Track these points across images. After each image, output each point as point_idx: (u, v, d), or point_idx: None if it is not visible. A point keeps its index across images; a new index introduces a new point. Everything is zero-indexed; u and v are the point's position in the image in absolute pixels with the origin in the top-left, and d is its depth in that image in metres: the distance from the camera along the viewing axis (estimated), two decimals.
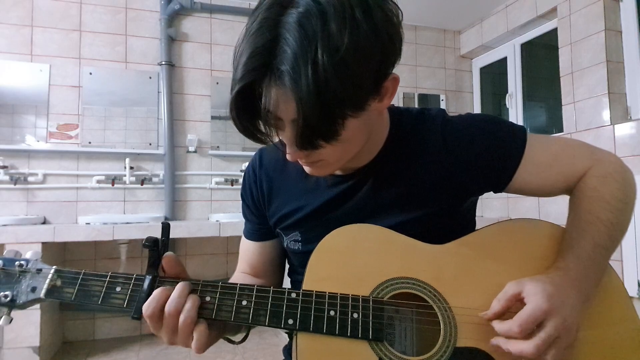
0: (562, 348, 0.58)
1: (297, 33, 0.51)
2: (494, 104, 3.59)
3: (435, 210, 0.71)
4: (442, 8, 3.19)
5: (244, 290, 0.62)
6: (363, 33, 0.52)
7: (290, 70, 0.51)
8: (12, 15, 2.63)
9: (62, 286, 0.61)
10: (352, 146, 0.63)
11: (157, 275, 0.61)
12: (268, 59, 0.52)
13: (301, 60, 0.50)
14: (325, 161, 0.63)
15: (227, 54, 3.03)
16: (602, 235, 0.66)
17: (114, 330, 2.71)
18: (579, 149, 0.73)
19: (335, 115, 0.54)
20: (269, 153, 0.82)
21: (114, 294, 0.61)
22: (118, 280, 0.61)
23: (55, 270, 0.62)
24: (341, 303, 0.62)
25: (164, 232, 0.62)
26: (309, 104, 0.51)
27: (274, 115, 0.55)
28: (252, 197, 0.83)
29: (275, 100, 0.53)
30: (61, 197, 2.66)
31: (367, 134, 0.65)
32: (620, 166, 0.72)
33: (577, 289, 0.62)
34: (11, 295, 0.60)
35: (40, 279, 0.62)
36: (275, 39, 0.52)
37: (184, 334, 0.59)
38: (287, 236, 0.79)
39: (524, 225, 0.72)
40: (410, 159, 0.72)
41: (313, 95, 0.50)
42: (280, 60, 0.51)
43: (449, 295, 0.64)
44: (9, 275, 0.62)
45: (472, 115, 0.74)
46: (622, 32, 2.44)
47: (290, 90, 0.51)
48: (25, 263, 0.62)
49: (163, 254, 0.62)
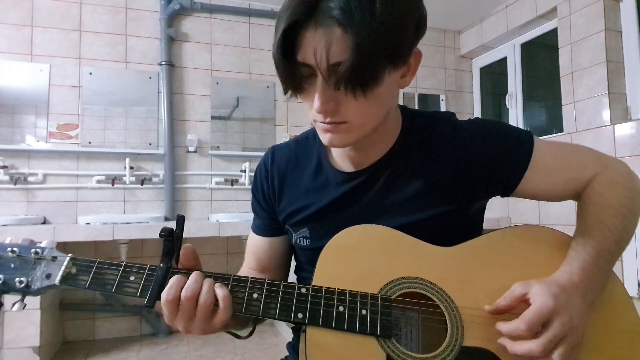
0: (569, 348, 0.58)
1: None
2: (494, 104, 3.60)
3: (443, 212, 0.71)
4: (442, 8, 3.20)
5: (255, 283, 0.63)
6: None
7: (345, 11, 0.53)
8: (12, 15, 2.63)
9: (77, 274, 0.62)
10: (378, 109, 0.64)
11: (170, 266, 0.62)
12: (315, 5, 0.55)
13: (357, 4, 0.53)
14: (349, 124, 0.63)
15: (227, 54, 3.03)
16: (608, 241, 0.67)
17: (114, 330, 2.71)
18: (587, 155, 0.73)
19: (382, 61, 0.57)
20: (281, 151, 0.83)
21: (128, 282, 0.62)
22: (132, 269, 0.62)
23: (70, 258, 0.63)
24: (350, 299, 0.62)
25: (178, 225, 0.63)
26: (363, 44, 0.53)
27: (317, 57, 0.56)
28: (263, 192, 0.83)
29: (326, 41, 0.55)
30: (61, 197, 2.65)
31: (388, 105, 0.67)
32: (627, 173, 0.72)
33: (582, 293, 0.62)
34: (26, 282, 0.61)
35: (55, 266, 0.63)
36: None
37: (202, 315, 0.59)
38: (295, 232, 0.79)
39: (531, 231, 0.72)
40: (419, 159, 0.72)
41: (369, 36, 0.53)
42: (330, 4, 0.54)
43: (456, 295, 0.65)
44: (25, 262, 0.63)
45: (480, 120, 0.74)
46: (622, 32, 2.45)
47: (342, 31, 0.54)
48: (41, 251, 0.63)
49: (177, 245, 0.62)
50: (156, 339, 2.66)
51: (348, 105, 0.60)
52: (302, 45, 0.57)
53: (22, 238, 0.65)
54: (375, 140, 0.70)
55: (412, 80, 0.66)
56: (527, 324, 0.57)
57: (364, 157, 0.72)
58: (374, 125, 0.66)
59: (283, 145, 0.85)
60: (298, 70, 0.59)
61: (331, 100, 0.60)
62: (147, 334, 2.75)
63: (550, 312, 0.58)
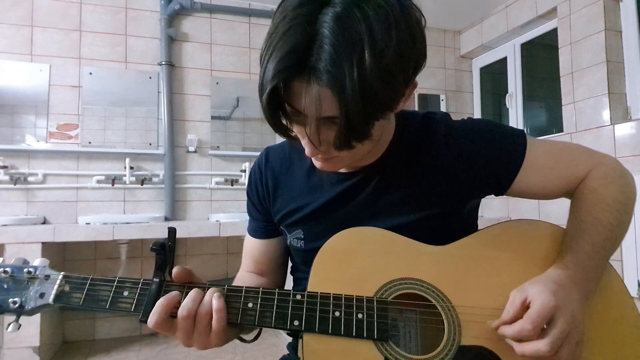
0: (574, 343, 0.59)
1: (338, 32, 0.50)
2: (494, 104, 3.59)
3: (438, 212, 0.71)
4: (442, 8, 3.20)
5: (250, 292, 0.63)
6: (404, 37, 0.53)
7: (333, 70, 0.50)
8: (12, 15, 2.63)
9: (70, 291, 0.62)
10: (369, 146, 0.64)
11: (164, 280, 0.62)
12: (304, 57, 0.51)
13: (345, 61, 0.50)
14: (340, 157, 0.64)
15: (227, 54, 3.03)
16: (601, 236, 0.67)
17: (114, 330, 2.71)
18: (579, 152, 0.74)
19: (373, 117, 0.54)
20: (275, 152, 0.83)
21: (122, 298, 0.61)
22: (125, 284, 0.62)
23: (63, 276, 0.63)
24: (346, 304, 0.62)
25: (170, 237, 0.62)
26: (352, 104, 0.51)
27: (305, 112, 0.54)
28: (258, 194, 0.83)
29: (312, 97, 0.52)
30: (61, 197, 2.65)
31: (380, 134, 0.66)
32: (619, 169, 0.72)
33: (577, 288, 0.63)
34: (20, 302, 0.61)
35: (49, 285, 0.62)
36: (312, 37, 0.51)
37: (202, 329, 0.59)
38: (290, 234, 0.79)
39: (524, 225, 0.73)
40: (413, 160, 0.72)
41: (358, 96, 0.50)
42: (320, 59, 0.50)
43: (452, 294, 0.65)
44: (18, 282, 0.62)
45: (473, 120, 0.75)
46: (622, 32, 2.44)
47: (329, 89, 0.51)
48: (34, 270, 0.63)
49: (170, 258, 0.62)
50: (156, 339, 2.66)
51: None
52: (291, 93, 0.54)
53: (15, 258, 0.64)
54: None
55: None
56: (533, 324, 0.57)
57: (361, 160, 0.72)
58: (365, 155, 0.67)
59: (277, 146, 0.85)
60: (286, 115, 0.57)
61: (320, 146, 0.60)
62: (147, 334, 2.75)
63: (553, 309, 0.58)
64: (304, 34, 0.51)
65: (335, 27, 0.50)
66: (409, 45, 0.54)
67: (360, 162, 0.72)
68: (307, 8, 0.52)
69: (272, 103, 0.55)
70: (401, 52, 0.52)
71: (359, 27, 0.50)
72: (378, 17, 0.51)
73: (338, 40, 0.50)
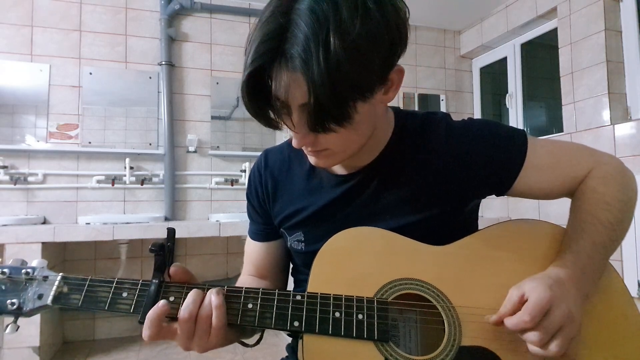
0: (568, 339, 0.58)
1: (309, 18, 0.52)
2: (494, 104, 3.59)
3: (438, 213, 0.71)
4: (442, 8, 3.19)
5: (250, 293, 0.63)
6: (374, 20, 0.54)
7: (302, 54, 0.52)
8: (12, 15, 2.63)
9: (69, 293, 0.62)
10: (358, 136, 0.64)
11: (163, 281, 0.62)
12: (278, 44, 0.54)
13: (312, 44, 0.51)
14: (330, 150, 0.64)
15: (227, 54, 3.03)
16: (601, 235, 0.67)
17: (114, 330, 2.71)
18: (580, 152, 0.73)
19: (346, 98, 0.55)
20: (274, 154, 0.83)
21: (121, 299, 0.61)
22: (124, 285, 0.62)
23: (61, 277, 0.62)
24: (346, 304, 0.62)
25: (169, 238, 0.62)
26: (320, 86, 0.52)
27: (283, 99, 0.56)
28: (258, 197, 0.83)
29: (286, 84, 0.54)
30: (61, 197, 2.65)
31: (372, 126, 0.66)
32: (620, 168, 0.72)
33: (576, 286, 0.63)
34: (18, 303, 0.60)
35: (47, 286, 0.62)
36: (286, 25, 0.54)
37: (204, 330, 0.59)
38: (290, 236, 0.79)
39: (524, 225, 0.72)
40: (413, 161, 0.72)
41: (325, 77, 0.52)
42: (291, 45, 0.53)
43: (452, 295, 0.65)
44: (16, 284, 0.62)
45: (473, 120, 0.74)
46: (622, 32, 2.44)
47: (301, 73, 0.53)
48: (32, 271, 0.62)
49: (169, 258, 0.62)
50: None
51: (326, 136, 0.60)
52: (269, 80, 0.56)
53: (13, 258, 0.64)
54: (367, 145, 0.69)
55: (396, 94, 0.64)
56: (530, 315, 0.57)
57: (357, 159, 0.72)
58: (357, 148, 0.67)
59: (275, 148, 0.85)
60: (270, 107, 0.59)
61: (307, 135, 0.61)
62: None
63: (548, 301, 0.58)
64: (279, 23, 0.54)
65: (306, 13, 0.53)
66: (380, 24, 0.55)
67: (357, 160, 0.72)
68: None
69: (250, 92, 0.56)
70: (371, 31, 0.54)
71: (327, 10, 0.52)
72: (347, 1, 0.53)
73: (307, 24, 0.52)
